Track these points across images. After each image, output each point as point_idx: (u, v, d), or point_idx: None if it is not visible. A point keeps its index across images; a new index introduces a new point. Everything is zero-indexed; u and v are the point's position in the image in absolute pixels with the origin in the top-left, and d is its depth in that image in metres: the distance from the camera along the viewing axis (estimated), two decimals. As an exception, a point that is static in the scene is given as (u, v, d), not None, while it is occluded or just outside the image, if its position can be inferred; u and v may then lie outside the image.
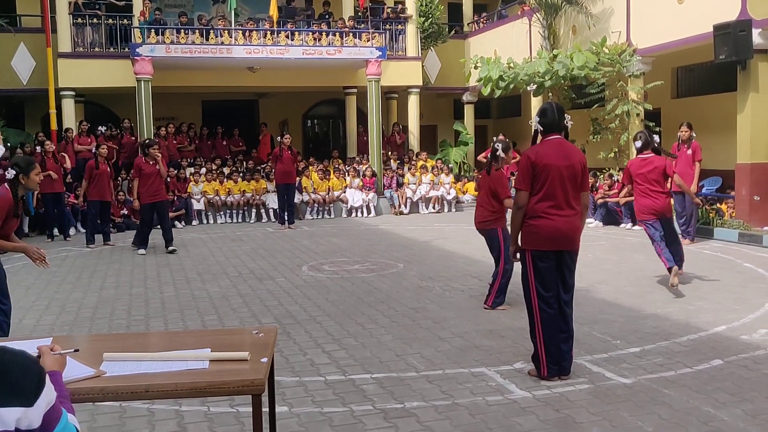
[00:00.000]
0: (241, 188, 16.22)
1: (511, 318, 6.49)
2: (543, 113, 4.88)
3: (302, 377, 4.98)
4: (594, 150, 15.38)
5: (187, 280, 8.93)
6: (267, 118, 21.14)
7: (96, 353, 2.43)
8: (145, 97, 15.86)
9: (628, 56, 14.23)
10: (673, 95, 16.70)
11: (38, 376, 1.52)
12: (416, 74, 19.11)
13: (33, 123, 19.08)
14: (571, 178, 4.81)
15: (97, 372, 2.26)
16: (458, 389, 4.67)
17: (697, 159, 10.79)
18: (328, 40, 16.93)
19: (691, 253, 10.24)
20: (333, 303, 7.37)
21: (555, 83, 15.21)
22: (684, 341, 5.68)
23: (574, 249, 4.88)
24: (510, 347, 5.60)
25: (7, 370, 1.47)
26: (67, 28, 16.53)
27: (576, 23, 16.00)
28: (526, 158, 4.83)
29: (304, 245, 11.86)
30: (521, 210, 4.84)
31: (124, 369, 2.33)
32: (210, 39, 16.12)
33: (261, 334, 2.69)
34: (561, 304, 4.85)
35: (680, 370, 4.96)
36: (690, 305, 6.91)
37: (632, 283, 8.16)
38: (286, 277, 8.89)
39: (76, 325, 6.66)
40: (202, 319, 6.81)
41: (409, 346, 5.71)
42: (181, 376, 2.23)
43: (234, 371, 2.28)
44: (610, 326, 6.19)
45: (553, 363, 4.80)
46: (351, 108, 19.61)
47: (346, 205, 16.83)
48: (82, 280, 9.06)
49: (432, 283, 8.36)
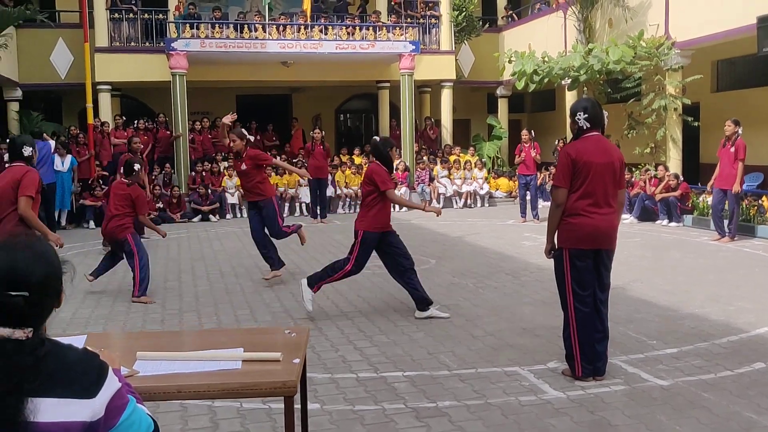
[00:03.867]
0: (275, 182, 16.28)
1: (545, 316, 6.40)
2: (586, 109, 4.78)
3: (334, 374, 4.97)
4: (629, 145, 15.12)
5: (222, 274, 8.99)
6: (300, 113, 21.21)
7: (129, 352, 2.43)
8: (180, 91, 16.00)
9: (667, 49, 13.96)
10: (713, 89, 16.35)
11: (99, 368, 1.63)
12: (450, 68, 18.98)
13: (70, 117, 19.40)
14: (610, 175, 4.72)
15: (130, 372, 2.27)
16: (491, 389, 4.61)
17: (739, 158, 10.33)
18: (361, 34, 16.90)
19: (731, 251, 10.05)
20: (364, 299, 7.35)
21: (590, 77, 14.99)
22: (724, 343, 5.55)
23: (611, 248, 4.80)
24: (544, 346, 5.53)
25: (70, 365, 1.59)
26: (104, 23, 16.74)
27: (612, 16, 15.74)
28: (566, 155, 4.74)
29: (336, 240, 11.86)
30: (560, 208, 4.76)
31: (157, 369, 2.33)
32: (244, 34, 16.20)
33: (293, 334, 2.67)
34: (597, 304, 4.76)
35: (720, 373, 4.84)
36: (730, 305, 6.75)
37: (668, 281, 8.00)
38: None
39: (111, 319, 6.74)
40: (235, 314, 6.84)
41: (441, 344, 5.66)
42: (214, 377, 2.22)
43: (266, 372, 2.27)
44: (646, 326, 6.07)
45: (587, 363, 4.72)
46: (384, 102, 19.56)
47: (379, 200, 16.77)
48: (117, 274, 9.13)
49: (464, 279, 8.29)
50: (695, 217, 12.63)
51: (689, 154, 15.48)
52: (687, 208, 12.96)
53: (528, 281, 8.07)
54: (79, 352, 1.65)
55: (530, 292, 7.50)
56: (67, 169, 14.11)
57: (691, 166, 15.83)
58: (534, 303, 6.99)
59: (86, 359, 1.63)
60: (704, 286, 7.64)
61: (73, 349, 1.64)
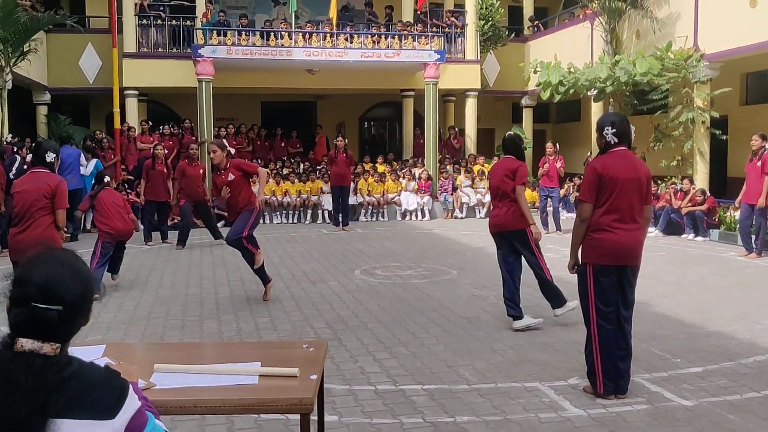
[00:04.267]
0: (298, 189, 16.34)
1: (567, 331, 6.33)
2: (614, 124, 4.72)
3: (352, 385, 4.94)
4: (656, 158, 14.97)
5: (242, 281, 9.01)
6: (324, 120, 21.28)
7: (147, 363, 2.43)
8: (206, 97, 16.12)
9: (695, 62, 13.79)
10: (741, 102, 16.14)
11: (120, 388, 1.64)
12: (475, 78, 18.94)
13: (98, 121, 19.64)
14: (636, 190, 4.66)
15: (147, 384, 2.26)
16: (510, 404, 4.56)
17: (765, 172, 10.19)
18: (386, 42, 16.92)
19: (759, 267, 9.88)
20: (385, 309, 7.32)
21: (616, 89, 14.86)
22: (750, 363, 5.44)
23: (636, 264, 4.74)
24: (565, 362, 5.46)
25: (93, 386, 1.59)
26: (133, 28, 16.93)
27: (640, 27, 15.60)
28: (592, 170, 4.69)
29: (357, 248, 11.86)
30: (585, 223, 4.70)
31: (174, 381, 2.32)
32: (270, 41, 16.29)
33: (311, 349, 2.65)
34: (620, 321, 4.70)
35: (746, 394, 4.74)
36: (757, 324, 6.63)
37: (694, 297, 7.88)
38: (339, 281, 8.88)
39: (132, 324, 6.78)
40: (255, 322, 6.84)
41: (460, 357, 5.62)
42: (230, 392, 2.21)
43: (283, 388, 2.25)
44: (670, 343, 5.98)
45: (609, 380, 4.65)
46: (408, 111, 19.56)
47: (401, 208, 16.79)
48: (140, 278, 9.24)
49: (486, 291, 8.23)
50: (722, 231, 12.45)
51: (717, 167, 15.29)
52: (713, 222, 12.78)
53: (550, 294, 7.98)
54: (101, 371, 1.64)
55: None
56: (90, 172, 14.24)
57: (719, 179, 15.63)
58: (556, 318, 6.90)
59: (108, 379, 1.63)
60: (730, 303, 7.51)
61: (95, 367, 1.64)
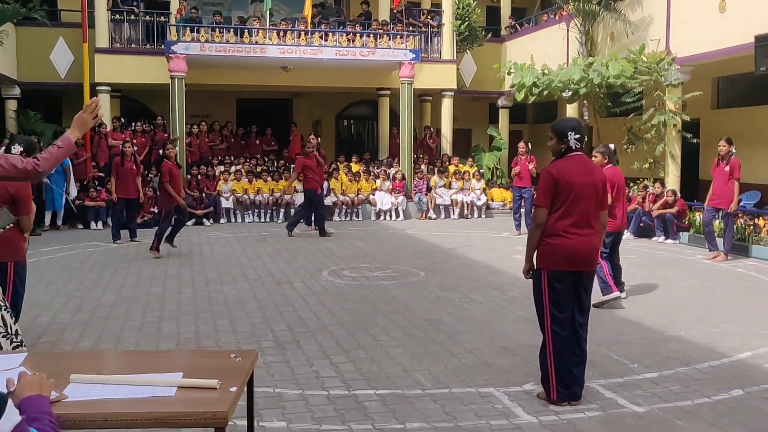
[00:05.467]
0: (270, 187, 16.23)
1: (527, 335, 6.30)
2: (575, 129, 4.69)
3: (305, 390, 4.88)
4: (628, 160, 15.06)
5: (207, 281, 8.91)
6: (301, 118, 21.17)
7: (65, 373, 2.36)
8: (178, 94, 15.97)
9: (667, 65, 13.88)
10: (713, 106, 16.27)
11: None
12: (451, 78, 18.93)
13: (70, 117, 18.90)
14: (592, 196, 4.64)
15: (59, 396, 2.19)
16: (462, 411, 4.52)
17: (735, 177, 10.24)
18: (361, 41, 16.86)
19: (724, 270, 9.95)
20: (348, 311, 7.26)
21: (590, 91, 14.90)
22: (705, 368, 5.45)
23: (591, 269, 4.72)
24: (522, 366, 5.43)
25: None
26: (105, 23, 16.72)
27: (614, 30, 15.67)
28: (548, 174, 4.65)
29: (328, 248, 11.79)
30: (540, 227, 4.68)
31: (88, 393, 2.25)
32: (244, 38, 16.17)
33: (239, 359, 2.59)
34: (575, 326, 4.68)
35: (697, 400, 4.74)
36: (716, 328, 6.65)
37: (658, 301, 7.90)
38: (305, 282, 8.82)
39: (89, 325, 6.67)
40: (214, 324, 6.76)
41: (418, 361, 5.58)
42: (144, 405, 2.14)
43: (199, 401, 2.19)
44: (629, 348, 5.98)
45: (563, 387, 4.63)
46: (384, 110, 19.51)
47: (375, 208, 16.74)
48: (103, 278, 9.11)
49: (451, 293, 8.20)
50: (691, 234, 12.52)
51: (689, 170, 15.39)
52: (683, 225, 12.86)
53: (515, 297, 7.99)
54: None
55: (516, 309, 7.41)
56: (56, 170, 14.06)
57: (691, 182, 15.74)
58: (518, 320, 6.90)
59: None
60: (693, 308, 7.54)
61: None
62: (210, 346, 5.99)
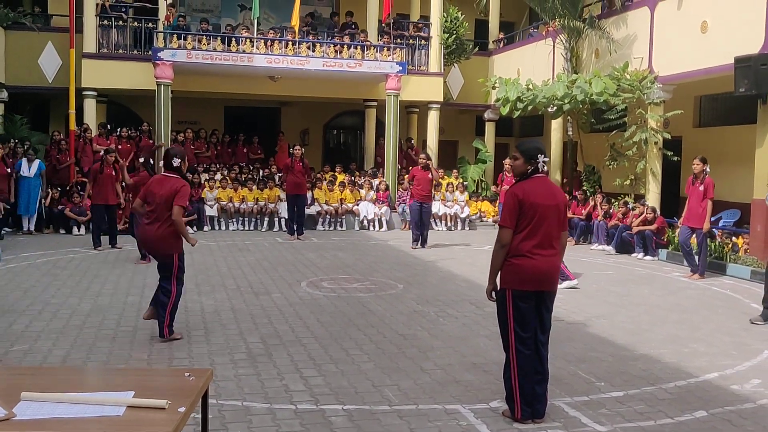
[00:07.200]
0: (255, 196, 16.25)
1: (499, 351, 6.27)
2: (543, 152, 4.79)
3: (273, 404, 4.92)
4: (610, 176, 15.18)
5: (185, 290, 8.82)
6: (289, 127, 21.22)
7: (16, 390, 2.39)
8: (164, 100, 15.98)
9: (649, 83, 14.03)
10: (695, 124, 16.44)
11: None
12: (437, 90, 19.05)
13: (58, 121, 19.35)
14: (555, 217, 4.73)
15: (8, 414, 2.22)
16: (427, 427, 4.57)
17: (708, 196, 10.32)
18: (349, 53, 16.94)
19: (699, 289, 10.05)
20: (323, 324, 7.30)
21: (574, 107, 15.04)
22: (671, 388, 5.52)
23: (553, 289, 4.80)
24: (490, 384, 5.49)
25: None
26: (93, 29, 16.75)
27: (599, 47, 15.83)
28: (513, 195, 4.73)
29: (309, 258, 11.83)
30: (505, 248, 4.74)
31: (38, 411, 2.28)
32: (231, 47, 16.22)
33: (192, 378, 2.63)
34: (538, 345, 4.75)
35: (660, 420, 4.81)
36: (685, 347, 6.74)
37: (632, 318, 7.98)
38: (283, 293, 8.85)
39: (63, 334, 6.67)
40: (188, 334, 6.79)
41: (388, 376, 5.62)
42: (91, 425, 2.18)
43: (146, 421, 2.23)
44: (598, 366, 6.05)
45: (527, 405, 4.69)
46: (370, 120, 19.60)
47: (359, 218, 16.79)
48: (81, 285, 9.11)
49: (427, 307, 8.25)
50: (670, 251, 12.64)
51: (670, 187, 15.53)
52: (662, 242, 12.98)
53: (491, 312, 7.94)
54: None
55: (490, 324, 7.43)
56: (33, 174, 14.03)
57: (672, 199, 15.88)
58: (491, 336, 6.94)
59: None
60: (665, 326, 7.63)
61: None
62: (182, 357, 6.02)
